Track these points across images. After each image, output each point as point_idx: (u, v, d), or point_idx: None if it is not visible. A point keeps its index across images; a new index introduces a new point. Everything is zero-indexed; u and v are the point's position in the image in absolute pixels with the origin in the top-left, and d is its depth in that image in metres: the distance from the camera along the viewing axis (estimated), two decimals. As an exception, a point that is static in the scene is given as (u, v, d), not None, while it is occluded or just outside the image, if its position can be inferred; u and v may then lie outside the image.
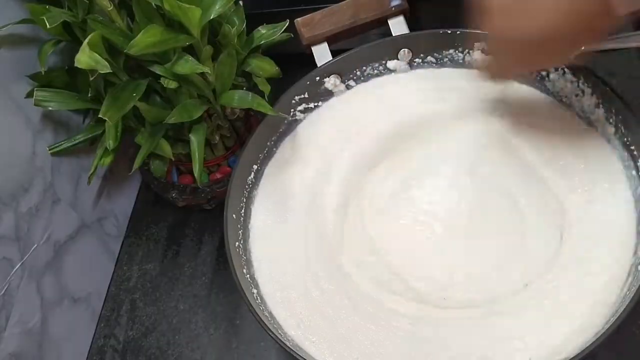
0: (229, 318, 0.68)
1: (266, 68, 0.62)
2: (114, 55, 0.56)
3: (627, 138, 0.54)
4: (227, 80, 0.60)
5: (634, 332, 0.59)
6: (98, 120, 0.60)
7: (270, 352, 0.64)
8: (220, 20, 0.57)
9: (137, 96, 0.56)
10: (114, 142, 0.58)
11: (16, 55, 0.59)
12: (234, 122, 0.69)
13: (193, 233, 0.75)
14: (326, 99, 0.65)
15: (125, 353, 0.68)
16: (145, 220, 0.78)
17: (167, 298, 0.71)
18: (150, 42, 0.52)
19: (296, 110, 0.64)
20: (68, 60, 0.62)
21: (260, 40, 0.62)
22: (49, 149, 0.62)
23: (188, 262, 0.73)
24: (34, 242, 0.60)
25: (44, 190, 0.62)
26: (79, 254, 0.67)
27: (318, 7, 0.64)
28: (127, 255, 0.75)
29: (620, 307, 0.46)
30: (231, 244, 0.54)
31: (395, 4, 0.63)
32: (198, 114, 0.59)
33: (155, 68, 0.57)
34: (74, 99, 0.60)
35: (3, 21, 0.56)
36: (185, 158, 0.68)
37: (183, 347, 0.67)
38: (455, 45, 0.63)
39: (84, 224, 0.68)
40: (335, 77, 0.65)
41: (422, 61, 0.65)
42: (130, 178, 0.77)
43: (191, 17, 0.52)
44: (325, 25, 0.63)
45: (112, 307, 0.72)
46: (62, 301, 0.65)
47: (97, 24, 0.54)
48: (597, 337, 0.44)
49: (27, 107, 0.59)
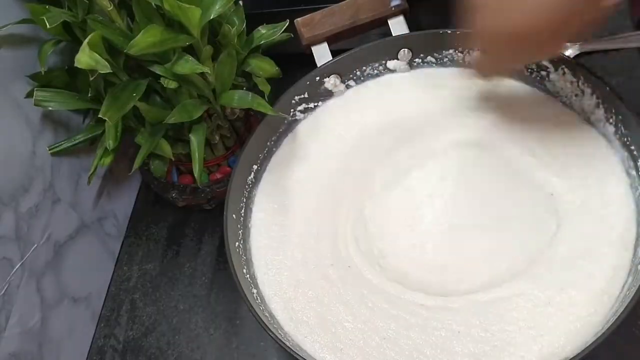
0: (229, 318, 0.68)
1: (266, 68, 0.62)
2: (114, 55, 0.56)
3: (627, 138, 0.54)
4: (227, 80, 0.60)
5: (634, 332, 0.59)
6: (98, 120, 0.60)
7: (270, 352, 0.64)
8: (220, 20, 0.57)
9: (137, 96, 0.56)
10: (114, 142, 0.58)
11: (16, 55, 0.59)
12: (234, 122, 0.69)
13: (193, 233, 0.75)
14: (326, 99, 0.65)
15: (125, 353, 0.68)
16: (145, 220, 0.78)
17: (167, 298, 0.71)
18: (150, 42, 0.52)
19: (296, 110, 0.64)
20: (68, 60, 0.62)
21: (260, 40, 0.62)
22: (49, 149, 0.62)
23: (188, 262, 0.73)
24: (34, 242, 0.60)
25: (44, 190, 0.62)
26: (79, 254, 0.67)
27: (318, 7, 0.64)
28: (127, 255, 0.75)
29: (620, 307, 0.46)
30: (231, 244, 0.54)
31: (395, 4, 0.63)
32: (198, 114, 0.59)
33: (155, 68, 0.57)
34: (74, 99, 0.61)
35: (3, 21, 0.56)
36: (185, 158, 0.68)
37: (183, 347, 0.67)
38: (455, 45, 0.63)
39: (84, 224, 0.68)
40: (335, 77, 0.65)
41: (422, 61, 0.65)
42: (130, 178, 0.77)
43: (191, 17, 0.52)
44: (325, 25, 0.63)
45: (112, 307, 0.72)
46: (62, 301, 0.65)
47: (97, 24, 0.54)
48: (597, 337, 0.44)
49: (27, 107, 0.59)
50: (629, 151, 0.54)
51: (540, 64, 0.60)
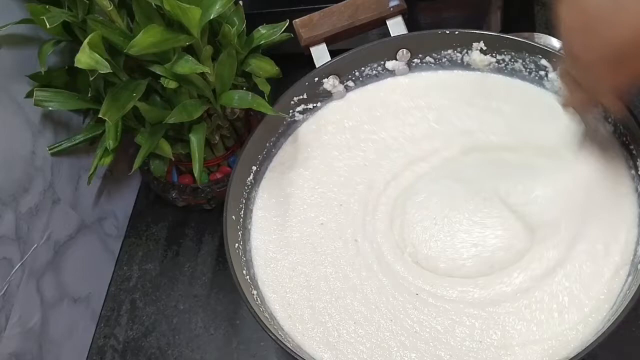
0: (229, 318, 0.68)
1: (266, 68, 0.62)
2: (114, 55, 0.56)
3: (626, 137, 0.54)
4: (227, 80, 0.60)
5: (634, 332, 0.59)
6: (98, 120, 0.60)
7: (270, 352, 0.64)
8: (220, 20, 0.57)
9: (137, 96, 0.56)
10: (114, 142, 0.58)
11: (16, 55, 0.59)
12: (234, 122, 0.69)
13: (193, 233, 0.75)
14: (325, 99, 0.65)
15: (125, 353, 0.68)
16: (145, 220, 0.78)
17: (167, 298, 0.71)
18: (150, 42, 0.52)
19: (295, 111, 0.64)
20: (68, 60, 0.62)
21: (260, 40, 0.62)
22: (49, 149, 0.62)
23: (188, 262, 0.73)
24: (34, 242, 0.61)
25: (44, 190, 0.62)
26: (79, 254, 0.67)
27: (317, 7, 0.64)
28: (127, 255, 0.75)
29: (620, 307, 0.46)
30: (231, 244, 0.54)
31: (393, 5, 0.63)
32: (198, 114, 0.59)
33: (155, 68, 0.57)
34: (74, 99, 0.61)
35: (3, 21, 0.56)
36: (185, 158, 0.68)
37: (183, 347, 0.67)
38: (453, 46, 0.63)
39: (84, 224, 0.68)
40: (334, 77, 0.64)
41: (420, 61, 0.65)
42: (130, 178, 0.77)
43: (191, 17, 0.52)
44: (323, 25, 0.63)
45: (112, 307, 0.72)
46: (62, 301, 0.65)
47: (97, 24, 0.54)
48: (597, 337, 0.44)
49: (27, 107, 0.59)
50: (629, 150, 0.54)
51: (540, 64, 0.60)
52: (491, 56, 0.62)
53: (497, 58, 0.62)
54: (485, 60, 0.62)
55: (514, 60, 0.61)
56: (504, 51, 0.61)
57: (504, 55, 0.61)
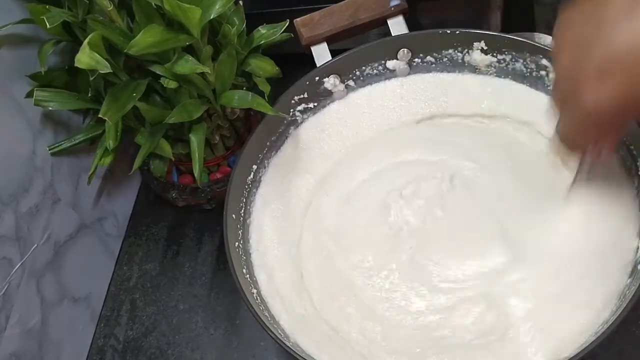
0: (229, 318, 0.68)
1: (266, 68, 0.62)
2: (114, 55, 0.56)
3: (625, 137, 0.54)
4: (227, 80, 0.60)
5: (634, 332, 0.59)
6: (98, 120, 0.60)
7: (271, 352, 0.64)
8: (220, 20, 0.57)
9: (137, 96, 0.56)
10: (114, 142, 0.58)
11: (16, 55, 0.59)
12: (234, 122, 0.69)
13: (193, 233, 0.75)
14: (325, 99, 0.65)
15: (125, 353, 0.68)
16: (145, 220, 0.78)
17: (167, 298, 0.71)
18: (150, 42, 0.52)
19: (295, 110, 0.64)
20: (68, 60, 0.62)
21: (260, 40, 0.62)
22: (49, 149, 0.62)
23: (188, 262, 0.73)
24: (34, 242, 0.61)
25: (44, 190, 0.62)
26: (79, 254, 0.67)
27: (318, 7, 0.64)
28: (127, 255, 0.75)
29: (620, 307, 0.46)
30: (231, 244, 0.54)
31: (394, 4, 0.63)
32: (198, 114, 0.59)
33: (155, 68, 0.57)
34: (74, 99, 0.61)
35: (3, 21, 0.56)
36: (185, 158, 0.68)
37: (183, 347, 0.67)
38: (454, 45, 0.63)
39: (84, 224, 0.68)
40: (335, 77, 0.64)
41: (421, 61, 0.65)
42: (130, 178, 0.77)
43: (191, 17, 0.52)
44: (324, 25, 0.63)
45: (112, 307, 0.72)
46: (62, 301, 0.65)
47: (97, 24, 0.54)
48: (597, 337, 0.44)
49: (27, 107, 0.59)
50: (628, 150, 0.54)
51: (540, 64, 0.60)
52: (492, 56, 0.62)
53: (498, 58, 0.62)
54: (486, 60, 0.62)
55: (514, 60, 0.61)
56: (505, 51, 0.61)
57: (505, 55, 0.61)
